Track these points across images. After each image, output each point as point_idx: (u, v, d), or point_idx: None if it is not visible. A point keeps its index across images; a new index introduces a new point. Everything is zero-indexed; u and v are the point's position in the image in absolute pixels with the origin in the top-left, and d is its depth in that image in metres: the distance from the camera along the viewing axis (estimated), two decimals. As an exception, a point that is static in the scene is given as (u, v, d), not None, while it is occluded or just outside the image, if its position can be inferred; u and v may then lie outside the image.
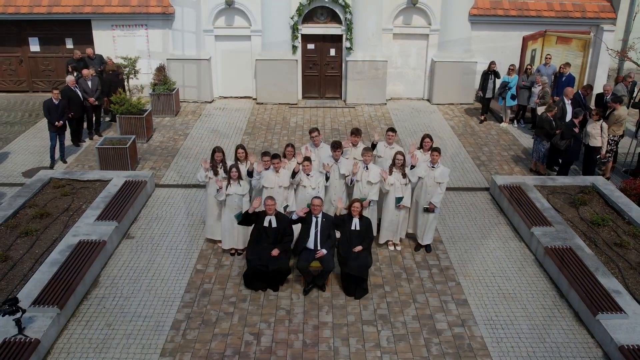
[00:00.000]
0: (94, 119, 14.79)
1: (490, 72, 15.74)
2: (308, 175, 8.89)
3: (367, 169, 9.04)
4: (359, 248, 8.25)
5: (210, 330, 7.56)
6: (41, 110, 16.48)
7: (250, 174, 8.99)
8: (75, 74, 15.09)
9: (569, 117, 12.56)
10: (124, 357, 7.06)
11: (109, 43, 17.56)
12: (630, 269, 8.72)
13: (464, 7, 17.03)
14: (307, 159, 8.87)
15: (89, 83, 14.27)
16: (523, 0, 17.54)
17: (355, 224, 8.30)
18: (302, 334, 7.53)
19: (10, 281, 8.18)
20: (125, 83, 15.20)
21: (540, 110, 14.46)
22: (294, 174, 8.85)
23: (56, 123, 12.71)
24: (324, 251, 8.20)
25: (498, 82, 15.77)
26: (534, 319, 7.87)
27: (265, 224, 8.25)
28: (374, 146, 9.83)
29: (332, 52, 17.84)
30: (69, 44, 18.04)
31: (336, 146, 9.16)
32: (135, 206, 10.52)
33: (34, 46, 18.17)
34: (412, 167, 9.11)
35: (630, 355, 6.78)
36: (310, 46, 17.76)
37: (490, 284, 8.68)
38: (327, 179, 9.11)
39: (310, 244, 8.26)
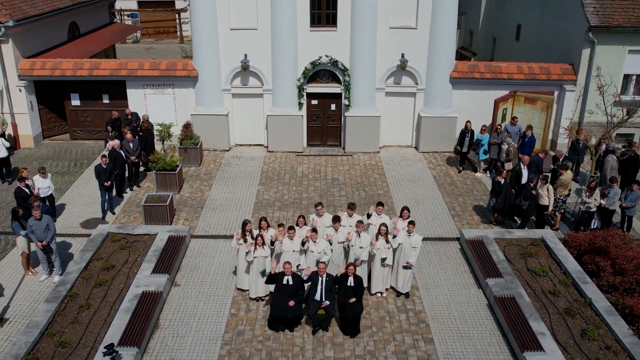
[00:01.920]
0: (133, 172, 17.69)
1: (467, 131, 18.62)
2: (315, 242, 11.76)
3: (359, 236, 11.94)
4: (353, 300, 11.12)
5: (246, 363, 10.46)
6: (85, 159, 19.55)
7: (272, 242, 11.87)
8: (109, 132, 17.99)
9: (524, 179, 15.43)
10: (186, 383, 9.95)
11: (140, 100, 20.50)
12: (557, 314, 11.62)
13: (445, 71, 19.90)
14: (314, 230, 11.75)
15: (131, 144, 17.16)
16: (496, 64, 20.46)
17: (351, 281, 11.17)
18: (312, 365, 10.43)
19: (95, 325, 11.07)
20: (161, 144, 18.04)
21: (507, 165, 17.44)
22: (303, 243, 11.74)
23: (105, 184, 15.56)
24: (328, 302, 11.09)
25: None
26: (480, 354, 10.75)
27: (284, 282, 11.13)
28: (369, 215, 12.73)
29: (333, 107, 20.74)
30: (106, 99, 20.98)
31: (336, 220, 12.08)
32: (178, 257, 13.41)
33: (75, 101, 21.08)
34: (394, 236, 11.99)
35: (541, 383, 9.68)
36: (314, 102, 20.65)
37: (451, 325, 11.57)
38: (330, 243, 12.00)
39: (317, 297, 11.14)
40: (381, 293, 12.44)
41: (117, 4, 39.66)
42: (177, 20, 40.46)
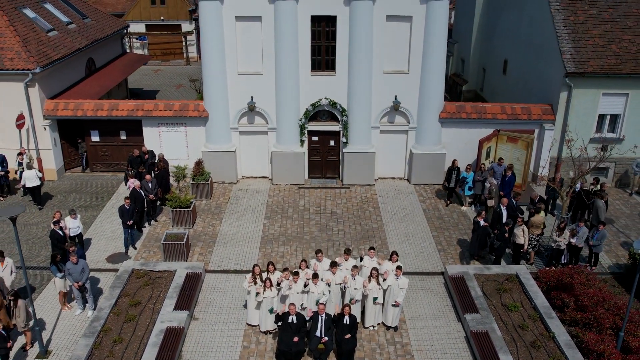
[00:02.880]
0: (151, 208, 19.55)
1: (454, 168, 20.49)
2: (315, 285, 13.63)
3: (354, 279, 13.81)
4: (348, 336, 12.97)
5: (257, 392, 12.33)
6: (105, 193, 21.41)
7: (278, 284, 13.73)
8: (129, 170, 19.92)
9: (504, 219, 17.26)
10: (207, 410, 11.82)
11: (155, 137, 22.35)
12: (524, 347, 13.48)
13: (435, 111, 21.75)
14: (315, 275, 13.62)
15: (150, 184, 19.03)
16: (482, 105, 22.32)
17: (346, 320, 13.03)
18: (313, 394, 12.29)
19: (127, 358, 12.92)
20: (176, 184, 19.91)
21: (490, 202, 19.31)
22: (305, 285, 13.61)
23: (128, 223, 17.43)
24: (326, 338, 12.96)
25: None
26: (456, 383, 12.64)
27: (289, 320, 13.00)
28: (361, 258, 14.61)
29: (332, 143, 22.59)
30: (123, 136, 22.81)
31: (333, 265, 13.96)
32: (196, 293, 15.27)
33: (95, 137, 22.92)
34: (384, 279, 13.86)
35: (505, 411, 11.55)
36: (315, 138, 22.51)
37: (433, 356, 13.44)
38: (329, 285, 13.87)
39: (318, 333, 13.01)
40: (373, 327, 14.31)
41: (126, 27, 41.56)
42: (184, 43, 42.25)
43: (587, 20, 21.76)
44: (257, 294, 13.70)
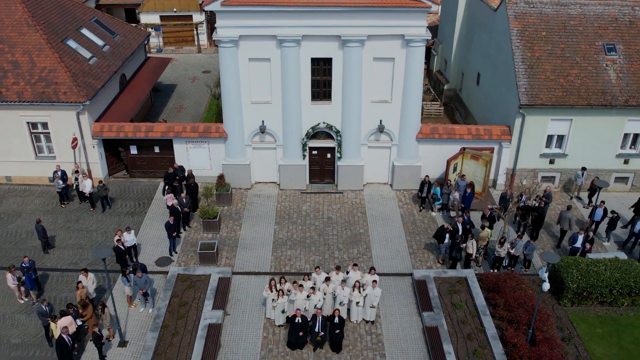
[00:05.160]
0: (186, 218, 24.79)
1: (425, 182, 25.55)
2: (314, 294, 19.04)
3: (343, 289, 19.22)
4: (337, 331, 18.49)
5: (274, 371, 18.02)
6: (145, 199, 26.55)
7: (288, 291, 19.14)
8: (167, 187, 25.00)
9: (460, 232, 22.48)
10: (241, 384, 17.50)
11: (183, 152, 27.26)
12: (462, 338, 19.02)
13: (413, 132, 26.53)
14: (313, 288, 19.00)
15: (184, 200, 24.18)
16: (451, 127, 27.08)
17: (336, 320, 18.53)
18: (313, 372, 17.97)
19: (184, 347, 18.47)
20: (205, 200, 25.08)
21: (452, 213, 24.50)
22: (308, 296, 19.02)
23: (173, 235, 22.72)
24: (322, 333, 18.50)
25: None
26: (412, 364, 18.28)
27: (296, 321, 18.48)
28: (347, 272, 19.96)
29: (328, 155, 27.51)
30: (157, 150, 27.69)
31: (327, 279, 19.33)
32: (227, 293, 20.73)
33: (133, 150, 27.80)
34: (364, 289, 19.26)
35: (441, 386, 17.20)
36: (314, 152, 27.40)
37: (397, 344, 19.01)
38: (325, 293, 19.31)
39: (317, 329, 18.52)
40: (356, 321, 19.86)
41: (143, 18, 45.43)
42: (195, 32, 46.12)
43: (542, 56, 26.09)
44: (272, 300, 19.15)
